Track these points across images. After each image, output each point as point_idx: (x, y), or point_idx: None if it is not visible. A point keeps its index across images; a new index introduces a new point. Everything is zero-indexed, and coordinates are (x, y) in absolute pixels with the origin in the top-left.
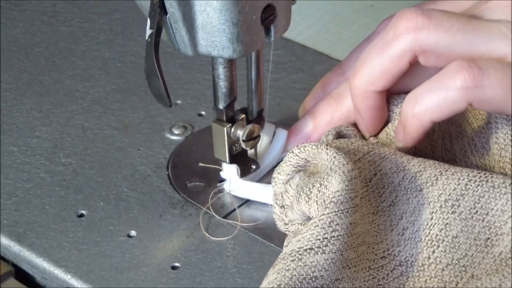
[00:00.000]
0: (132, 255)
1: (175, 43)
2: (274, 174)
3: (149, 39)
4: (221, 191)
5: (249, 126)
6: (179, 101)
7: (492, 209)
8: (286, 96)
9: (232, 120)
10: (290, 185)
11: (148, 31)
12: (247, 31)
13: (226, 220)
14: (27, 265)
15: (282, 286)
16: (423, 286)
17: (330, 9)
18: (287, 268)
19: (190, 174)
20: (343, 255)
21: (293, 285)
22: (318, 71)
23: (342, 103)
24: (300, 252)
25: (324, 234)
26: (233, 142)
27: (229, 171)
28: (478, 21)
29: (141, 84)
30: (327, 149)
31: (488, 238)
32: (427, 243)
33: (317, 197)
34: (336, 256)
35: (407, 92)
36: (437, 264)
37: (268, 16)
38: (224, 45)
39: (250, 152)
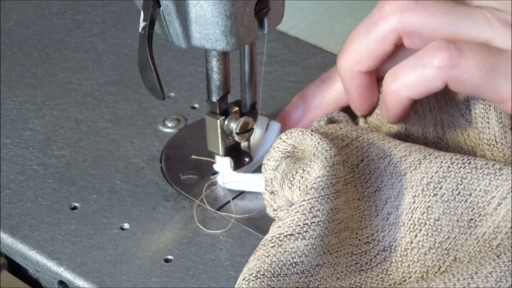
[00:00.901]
0: (125, 247)
1: (169, 35)
2: (264, 161)
3: (142, 32)
4: (214, 183)
5: (243, 119)
6: (172, 94)
7: (475, 189)
8: (279, 89)
9: (225, 113)
10: (278, 171)
11: (142, 24)
12: (240, 23)
13: (219, 213)
14: (20, 257)
15: (261, 272)
16: (405, 271)
17: (323, 2)
18: (267, 254)
19: (183, 167)
20: (323, 240)
21: (272, 271)
22: (311, 63)
23: (332, 87)
24: (280, 238)
25: (304, 220)
26: (226, 135)
27: (222, 163)
28: (464, 6)
29: (134, 76)
30: (311, 135)
31: (471, 219)
32: (409, 227)
33: (299, 183)
34: (317, 242)
35: None
36: (419, 249)
37: (262, 8)
38: (218, 38)
39: (244, 144)
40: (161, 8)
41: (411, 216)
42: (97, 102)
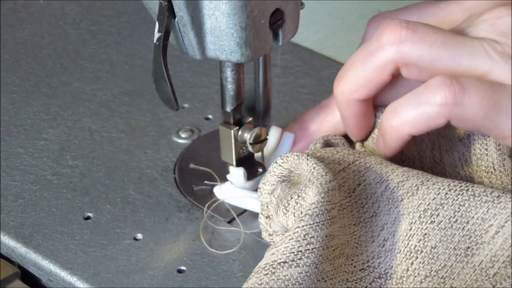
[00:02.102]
0: (138, 258)
1: (183, 46)
2: (260, 184)
3: (157, 42)
4: (217, 200)
5: (256, 129)
6: (186, 105)
7: (473, 217)
8: (293, 101)
9: (239, 123)
10: (274, 196)
11: (156, 34)
12: (255, 35)
13: (229, 228)
14: (33, 267)
15: None
16: None
17: (337, 14)
18: (259, 282)
19: (197, 178)
20: (318, 268)
21: None
22: (325, 75)
23: (331, 115)
24: (274, 266)
25: (298, 247)
26: (240, 145)
27: (235, 174)
28: (462, 37)
29: (148, 87)
30: (307, 159)
31: (469, 247)
32: (406, 254)
33: (294, 209)
34: (311, 270)
35: None
36: (415, 277)
37: (277, 20)
38: (232, 49)
39: (257, 155)
40: (176, 19)
41: (408, 243)
42: (111, 112)
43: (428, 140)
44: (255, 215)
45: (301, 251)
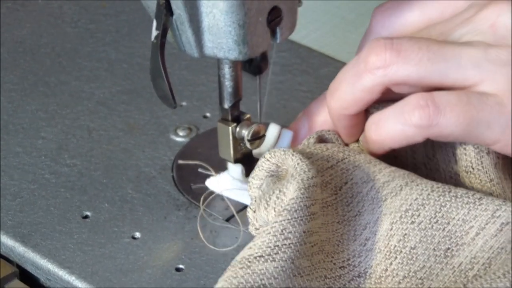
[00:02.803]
0: (136, 256)
1: (181, 44)
2: (249, 179)
3: (155, 41)
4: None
5: (254, 126)
6: (184, 103)
7: (453, 218)
8: (291, 99)
9: (237, 120)
10: (261, 190)
11: (154, 33)
12: (253, 33)
13: (228, 226)
14: (31, 266)
15: None
16: None
17: (336, 12)
18: (234, 276)
19: (195, 176)
20: (294, 263)
21: None
22: (324, 73)
23: None
24: (250, 260)
25: (275, 241)
26: (238, 141)
27: (233, 170)
28: (451, 48)
29: (146, 85)
30: (292, 155)
31: (448, 248)
32: (385, 254)
33: (275, 204)
34: (287, 264)
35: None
36: (393, 277)
37: (274, 18)
38: (230, 47)
39: (255, 152)
40: (174, 17)
41: (388, 243)
42: (109, 111)
43: None
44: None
45: (278, 245)
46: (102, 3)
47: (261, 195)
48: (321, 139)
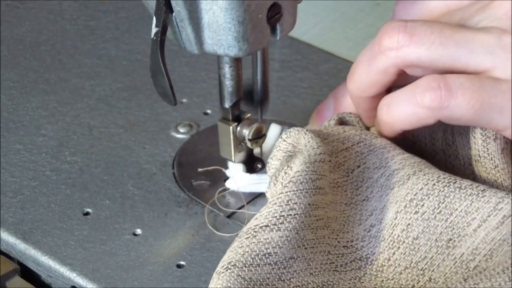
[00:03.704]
0: (137, 253)
1: (181, 41)
2: (268, 160)
3: (154, 38)
4: (226, 189)
5: (255, 125)
6: (184, 100)
7: (456, 209)
8: (291, 95)
9: (238, 119)
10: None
11: (154, 30)
12: (253, 29)
13: (229, 222)
14: (32, 263)
15: (232, 263)
16: (378, 285)
17: (336, 8)
18: (240, 245)
19: (196, 173)
20: (299, 234)
21: (244, 261)
22: (324, 69)
23: None
24: (256, 230)
25: (281, 212)
26: (239, 141)
27: (234, 170)
28: (464, 32)
29: (147, 82)
30: (305, 133)
31: (450, 239)
32: (389, 243)
33: (283, 178)
34: (292, 234)
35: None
36: (395, 267)
37: (274, 14)
38: (230, 44)
39: (256, 151)
40: (174, 14)
41: (392, 232)
42: (110, 108)
43: (439, 122)
44: (254, 209)
45: (283, 215)
46: (102, 0)
47: (274, 173)
48: (342, 122)
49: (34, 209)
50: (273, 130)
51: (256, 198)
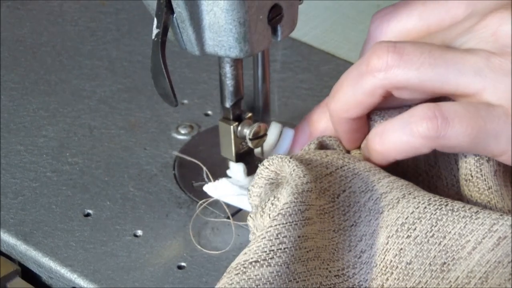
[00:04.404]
0: (138, 254)
1: (182, 42)
2: (249, 187)
3: (155, 39)
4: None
5: (256, 125)
6: (185, 101)
7: (450, 232)
8: (292, 96)
9: (238, 119)
10: (260, 198)
11: (155, 31)
12: (254, 31)
13: (229, 224)
14: (33, 264)
15: None
16: None
17: (337, 9)
18: (230, 282)
19: (197, 174)
20: (289, 268)
21: None
22: (324, 71)
23: None
24: (245, 265)
25: (270, 246)
26: (239, 140)
27: (235, 169)
28: (453, 53)
29: (147, 83)
30: (289, 161)
31: (445, 263)
32: (381, 269)
33: (270, 210)
34: (282, 269)
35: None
36: None
37: (275, 16)
38: (231, 45)
39: (257, 151)
40: (175, 15)
41: (384, 258)
42: (110, 109)
43: None
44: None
45: (273, 250)
46: (102, 1)
47: (259, 203)
48: (322, 145)
49: (35, 210)
50: (274, 129)
51: None
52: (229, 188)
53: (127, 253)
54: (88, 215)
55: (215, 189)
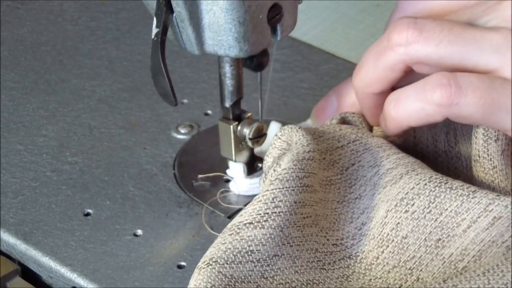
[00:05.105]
0: (138, 254)
1: (182, 42)
2: (264, 157)
3: (155, 38)
4: (227, 190)
5: (255, 125)
6: (185, 100)
7: (446, 209)
8: (292, 95)
9: (238, 119)
10: None
11: (154, 30)
12: (253, 30)
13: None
14: (33, 264)
15: (214, 259)
16: (366, 283)
17: (336, 8)
18: (223, 242)
19: (197, 173)
20: (283, 231)
21: (226, 258)
22: (324, 70)
23: None
24: (239, 226)
25: (265, 209)
26: (239, 140)
27: (235, 169)
28: (473, 31)
29: (147, 83)
30: (297, 131)
31: (440, 239)
32: (378, 242)
33: (271, 176)
34: (276, 232)
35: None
36: (384, 266)
37: (275, 15)
38: (231, 44)
39: (257, 150)
40: (174, 14)
41: (381, 231)
42: (110, 109)
43: (442, 124)
44: None
45: (267, 213)
46: (102, 1)
47: (266, 169)
48: (344, 121)
49: (35, 209)
50: (274, 128)
51: None
52: (248, 182)
53: (127, 253)
54: (88, 214)
55: (236, 187)
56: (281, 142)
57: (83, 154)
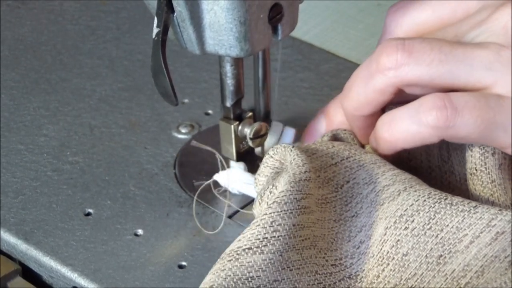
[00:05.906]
0: (139, 253)
1: (182, 41)
2: (256, 175)
3: (156, 38)
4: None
5: (256, 124)
6: (186, 100)
7: (447, 225)
8: (293, 95)
9: (239, 118)
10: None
11: (155, 30)
12: (254, 30)
13: (230, 223)
14: (34, 263)
15: (215, 286)
16: None
17: (337, 8)
18: (222, 268)
19: (197, 173)
20: (283, 256)
21: (226, 285)
22: (325, 70)
23: None
24: (238, 252)
25: (264, 233)
26: (240, 140)
27: (235, 168)
28: (463, 49)
29: (148, 82)
30: (291, 150)
31: (441, 256)
32: (378, 260)
33: (268, 198)
34: (275, 257)
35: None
36: (385, 284)
37: (275, 15)
38: (232, 44)
39: (257, 150)
40: (175, 14)
41: (381, 249)
42: (111, 108)
43: None
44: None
45: (266, 237)
46: (103, 1)
47: (260, 191)
48: (336, 138)
49: (36, 209)
50: (275, 128)
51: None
52: (241, 175)
53: (127, 252)
54: (88, 214)
55: (227, 176)
56: (274, 161)
57: (84, 154)
